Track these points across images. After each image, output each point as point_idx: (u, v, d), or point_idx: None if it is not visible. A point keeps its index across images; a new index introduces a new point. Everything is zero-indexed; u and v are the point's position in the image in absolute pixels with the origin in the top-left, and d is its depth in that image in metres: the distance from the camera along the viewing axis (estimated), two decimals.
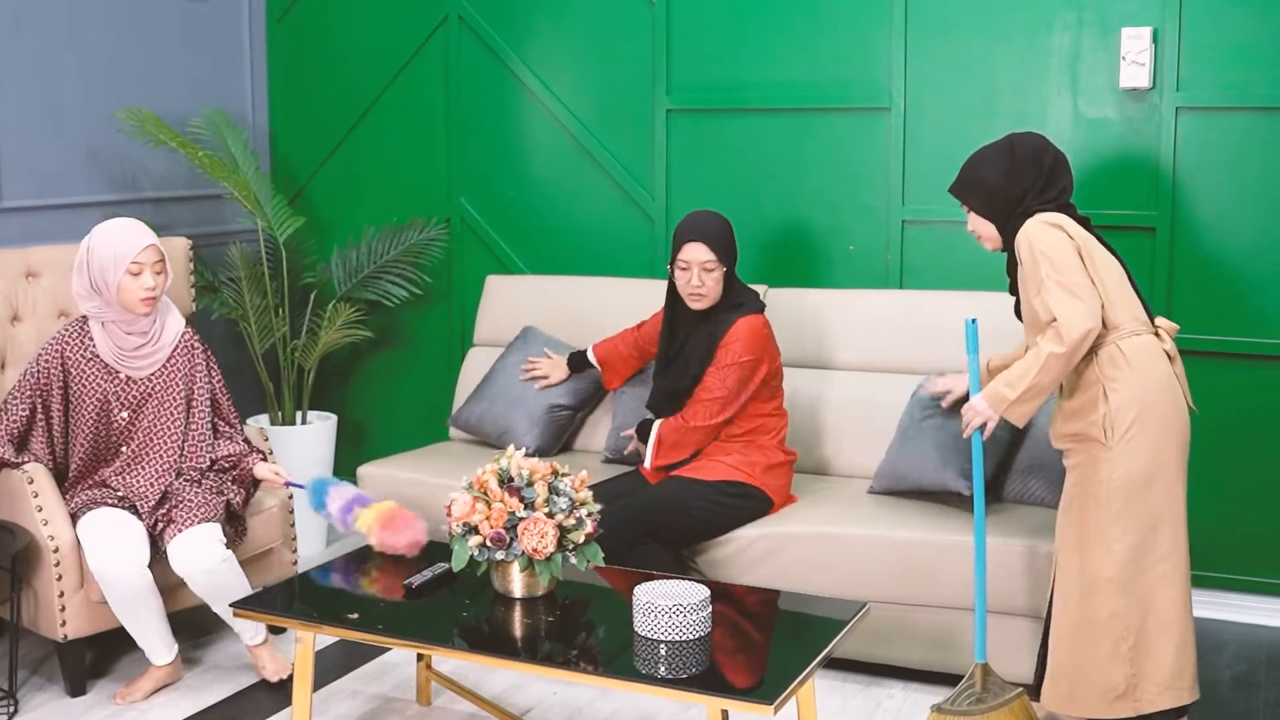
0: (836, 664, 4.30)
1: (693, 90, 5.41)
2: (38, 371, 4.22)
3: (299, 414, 5.75)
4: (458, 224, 5.89)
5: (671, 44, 5.42)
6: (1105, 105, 4.80)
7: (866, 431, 4.78)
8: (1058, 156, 3.76)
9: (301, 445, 5.56)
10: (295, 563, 4.74)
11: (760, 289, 4.86)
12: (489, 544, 3.45)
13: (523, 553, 3.44)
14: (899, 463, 4.47)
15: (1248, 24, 4.61)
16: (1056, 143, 4.80)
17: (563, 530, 3.47)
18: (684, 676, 3.13)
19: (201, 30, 5.88)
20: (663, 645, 3.21)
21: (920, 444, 4.40)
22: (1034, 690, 3.88)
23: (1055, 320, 3.52)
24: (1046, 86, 4.88)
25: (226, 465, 4.39)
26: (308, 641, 3.58)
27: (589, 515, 3.51)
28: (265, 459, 4.48)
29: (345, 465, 5.77)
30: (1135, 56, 4.68)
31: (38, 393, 4.22)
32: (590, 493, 3.58)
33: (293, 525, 4.73)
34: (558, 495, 3.49)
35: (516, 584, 3.52)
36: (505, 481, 3.52)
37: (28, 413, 4.21)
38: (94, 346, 4.26)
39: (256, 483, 4.45)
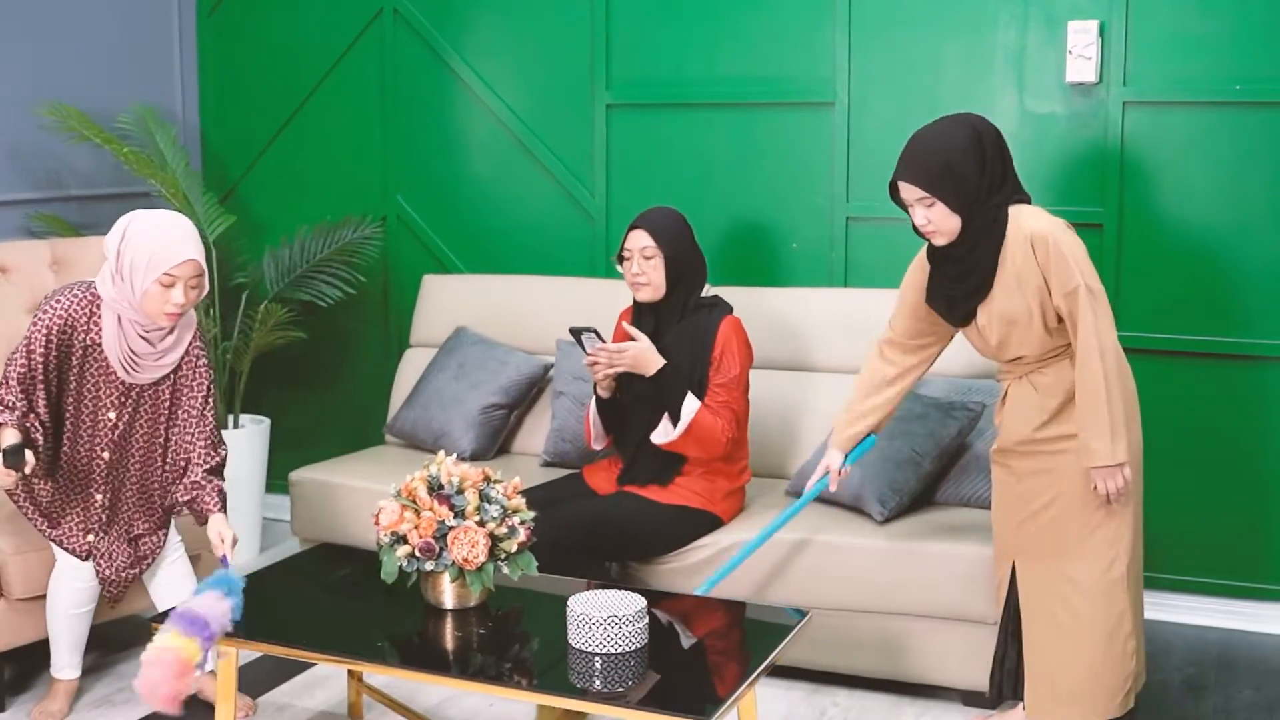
0: (780, 671, 4.22)
1: (633, 85, 5.33)
2: (43, 333, 3.74)
3: (231, 418, 5.62)
4: (394, 222, 5.78)
5: (611, 38, 5.33)
6: (1052, 100, 4.74)
7: (806, 434, 4.70)
8: (1004, 137, 3.64)
9: (234, 450, 5.37)
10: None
11: (706, 288, 4.77)
12: (418, 554, 3.33)
13: (453, 563, 3.33)
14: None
15: (1195, 17, 4.57)
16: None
17: (494, 539, 3.35)
18: (619, 690, 3.03)
19: (129, 23, 5.73)
20: (598, 658, 3.11)
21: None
22: (993, 700, 3.87)
23: (1082, 329, 3.44)
24: (992, 81, 4.82)
25: (187, 493, 3.98)
26: (230, 656, 3.45)
27: (522, 523, 3.40)
28: (222, 506, 3.96)
29: (279, 470, 5.66)
30: (1082, 50, 4.63)
31: (40, 355, 3.76)
32: (523, 500, 3.46)
33: None
34: (489, 503, 3.38)
35: (447, 595, 3.41)
36: (435, 489, 3.40)
37: (26, 378, 3.77)
38: (97, 334, 3.80)
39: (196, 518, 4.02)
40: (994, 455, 3.78)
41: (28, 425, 3.74)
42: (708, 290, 4.48)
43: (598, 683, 3.05)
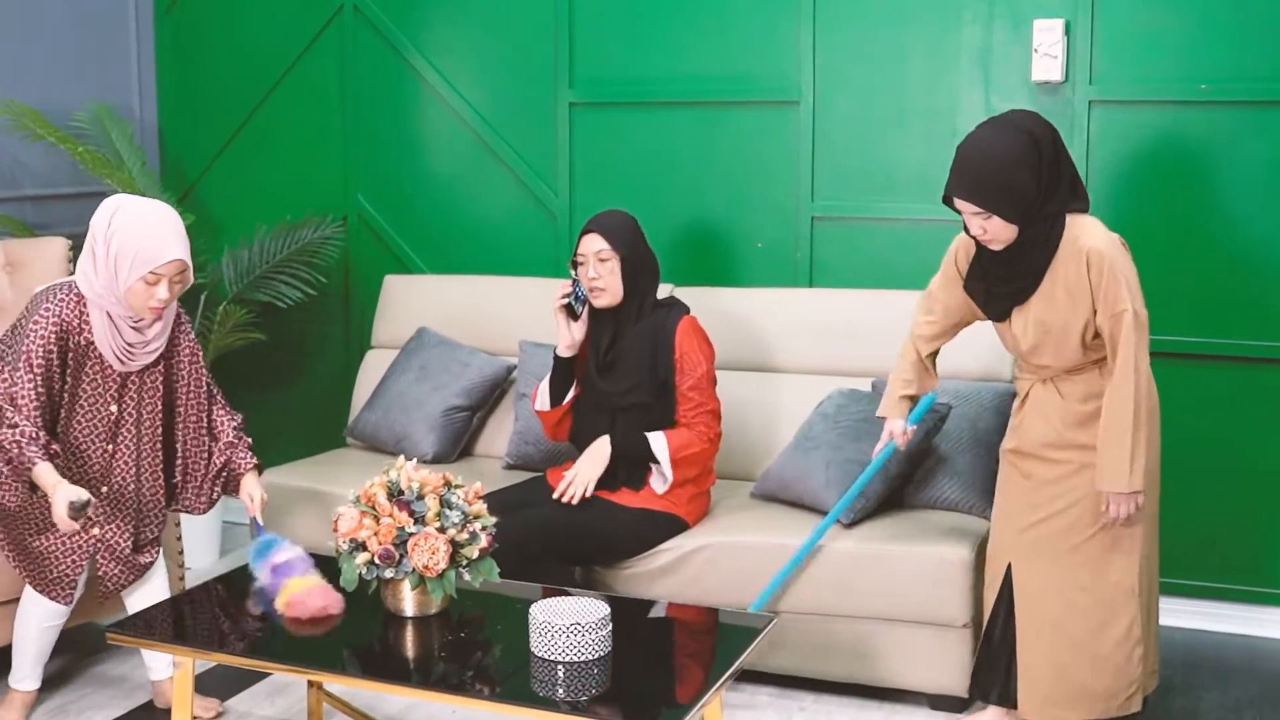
0: (747, 675, 4.19)
1: (596, 84, 5.28)
2: (41, 344, 3.69)
3: None
4: (355, 222, 5.72)
5: (574, 36, 5.28)
6: (1018, 99, 4.71)
7: (771, 436, 4.67)
8: (1057, 133, 3.54)
9: None
10: (183, 577, 4.56)
11: (666, 288, 4.73)
12: (378, 561, 3.28)
13: (413, 570, 3.27)
14: (785, 472, 4.36)
15: (1161, 16, 4.56)
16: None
17: (455, 545, 3.30)
18: (583, 699, 2.98)
19: (85, 20, 5.65)
20: (560, 666, 3.06)
21: (812, 459, 4.29)
22: (971, 696, 3.89)
23: (1122, 353, 3.43)
24: (958, 79, 4.80)
25: (218, 464, 4.02)
26: (186, 666, 3.38)
27: (483, 529, 3.35)
28: (256, 464, 4.06)
29: None
30: (1048, 49, 4.61)
31: (41, 368, 3.70)
32: (484, 505, 3.41)
33: (179, 538, 4.54)
34: (450, 509, 3.32)
35: (408, 603, 3.35)
36: (394, 495, 3.34)
37: (39, 398, 3.70)
38: (89, 333, 3.76)
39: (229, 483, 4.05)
40: (1006, 454, 3.74)
41: (52, 450, 3.69)
42: (668, 291, 4.46)
43: (560, 691, 3.00)
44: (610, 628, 3.13)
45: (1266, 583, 4.67)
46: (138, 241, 3.66)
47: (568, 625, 3.05)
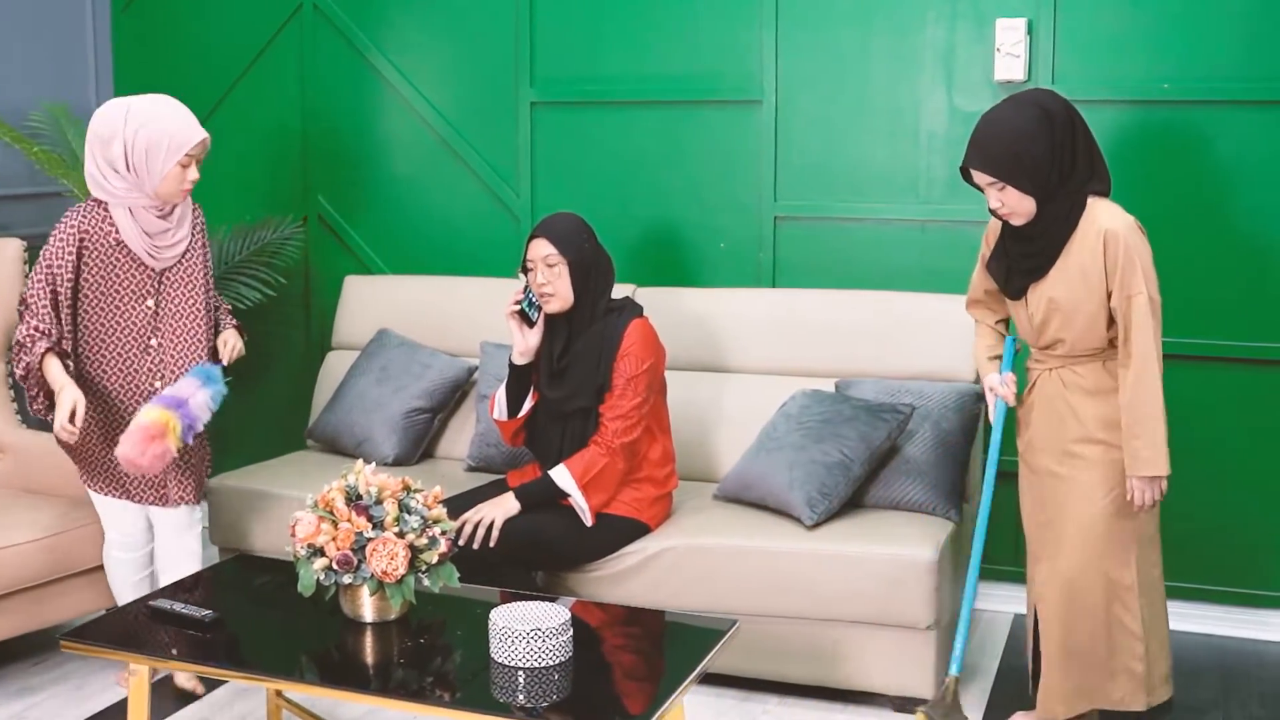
0: (710, 679, 4.15)
1: (558, 83, 5.25)
2: (53, 258, 3.90)
3: None
4: (315, 222, 5.67)
5: (536, 34, 5.25)
6: (980, 98, 4.70)
7: (734, 437, 4.64)
8: (1080, 117, 3.55)
9: None
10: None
11: (629, 289, 4.72)
12: (335, 567, 3.23)
13: (372, 575, 3.23)
14: (749, 472, 4.34)
15: (1123, 16, 4.57)
16: (930, 136, 4.80)
17: (415, 550, 3.26)
18: (543, 705, 2.95)
19: (40, 18, 5.58)
20: (521, 672, 3.03)
21: (775, 459, 4.26)
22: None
23: (1139, 338, 3.44)
24: (921, 79, 4.79)
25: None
26: (142, 674, 3.34)
27: (443, 534, 3.31)
28: (239, 330, 4.32)
29: None
30: (1010, 48, 4.61)
31: (60, 272, 3.91)
32: (444, 509, 3.37)
33: None
34: (409, 513, 3.28)
35: (366, 608, 3.31)
36: (353, 499, 3.30)
37: (51, 303, 3.92)
38: (116, 233, 3.95)
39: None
40: (1020, 454, 3.78)
41: (65, 348, 3.94)
42: (630, 291, 4.42)
43: (520, 697, 2.97)
44: (571, 633, 3.10)
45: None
46: (168, 129, 3.90)
47: (528, 631, 3.02)
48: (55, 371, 3.87)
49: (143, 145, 3.87)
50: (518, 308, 4.11)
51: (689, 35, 5.05)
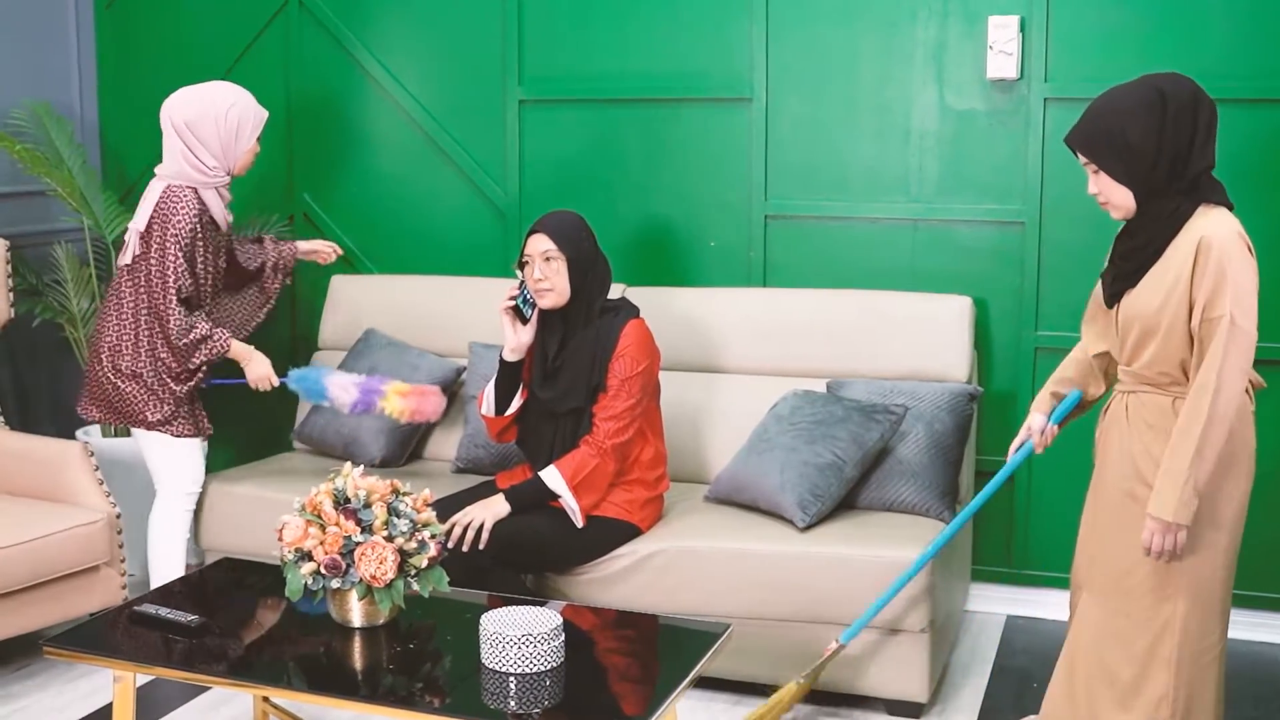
0: (703, 682, 4.11)
1: (546, 81, 5.21)
2: (184, 247, 4.34)
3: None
4: (301, 221, 5.63)
5: (524, 32, 5.21)
6: (972, 96, 4.68)
7: (725, 438, 4.61)
8: (1213, 110, 3.11)
9: (135, 458, 5.24)
10: (125, 586, 4.46)
11: (618, 288, 4.67)
12: (324, 571, 3.19)
13: (360, 580, 3.19)
14: (740, 474, 4.31)
15: (1115, 13, 4.54)
16: (922, 135, 4.76)
17: (404, 554, 3.22)
18: (535, 712, 2.92)
19: (23, 14, 5.52)
20: (512, 678, 2.99)
21: (766, 460, 4.24)
22: None
23: (1207, 363, 2.99)
24: (912, 77, 4.75)
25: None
26: (127, 681, 3.29)
27: (432, 538, 3.27)
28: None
29: None
30: (1003, 46, 4.58)
31: (190, 272, 4.36)
32: (434, 513, 3.33)
33: (121, 546, 4.43)
34: (398, 517, 3.24)
35: (355, 613, 3.27)
36: (341, 503, 3.26)
37: (195, 291, 4.42)
38: (208, 213, 4.44)
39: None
40: (1095, 470, 3.38)
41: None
42: (620, 291, 4.38)
43: (512, 704, 2.93)
44: (563, 638, 3.07)
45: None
46: (253, 110, 4.48)
47: (519, 636, 2.99)
48: (239, 347, 4.49)
49: (234, 122, 4.39)
50: (513, 303, 4.07)
51: (678, 33, 5.01)
